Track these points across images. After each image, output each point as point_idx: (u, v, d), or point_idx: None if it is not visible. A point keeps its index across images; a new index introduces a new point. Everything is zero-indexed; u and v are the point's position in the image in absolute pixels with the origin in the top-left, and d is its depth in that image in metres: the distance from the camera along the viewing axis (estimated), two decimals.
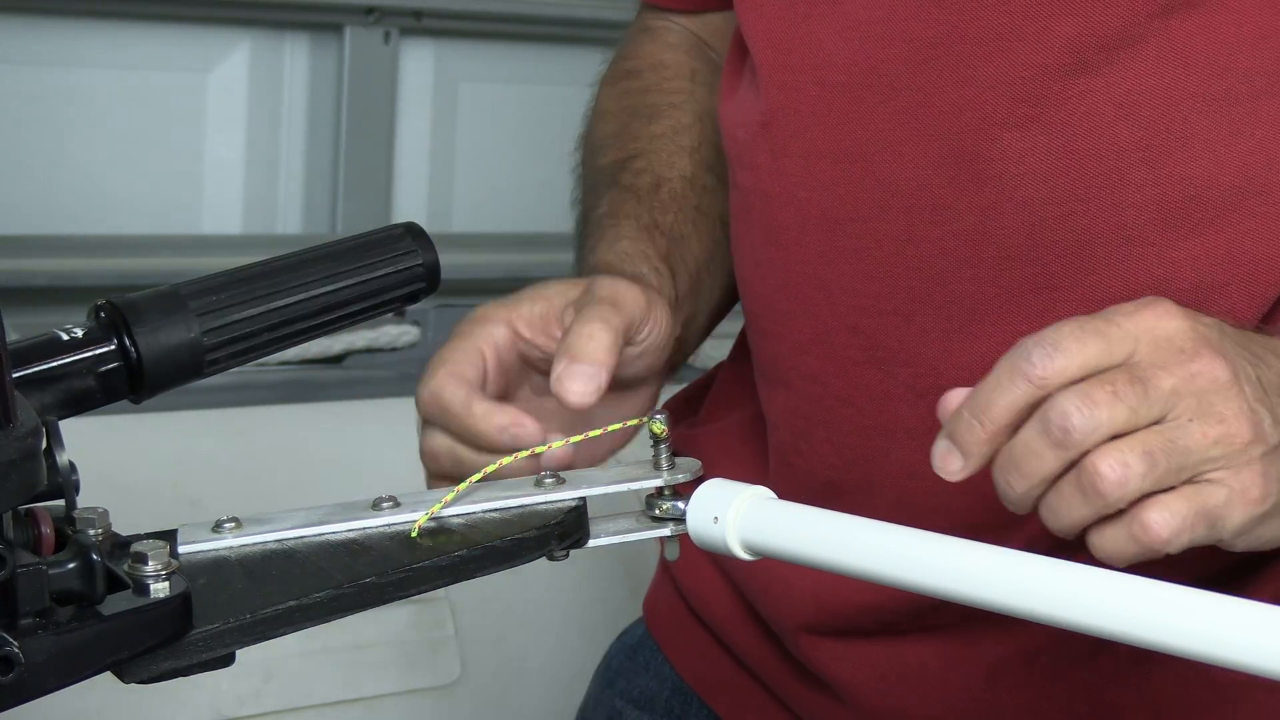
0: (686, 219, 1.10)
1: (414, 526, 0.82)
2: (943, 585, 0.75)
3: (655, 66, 1.20)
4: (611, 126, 1.17)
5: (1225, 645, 0.66)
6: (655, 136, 1.14)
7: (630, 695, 1.22)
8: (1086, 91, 0.92)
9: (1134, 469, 0.75)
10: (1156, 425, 0.75)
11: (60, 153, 2.08)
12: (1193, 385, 0.76)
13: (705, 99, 1.17)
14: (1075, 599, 0.70)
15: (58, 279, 1.95)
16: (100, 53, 2.09)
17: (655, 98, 1.17)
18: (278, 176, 2.23)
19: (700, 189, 1.12)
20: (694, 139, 1.14)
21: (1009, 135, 0.93)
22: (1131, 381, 0.75)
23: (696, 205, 1.12)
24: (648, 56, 1.21)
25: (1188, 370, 0.76)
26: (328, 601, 0.76)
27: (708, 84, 1.17)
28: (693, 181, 1.12)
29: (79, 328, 0.84)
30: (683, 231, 1.10)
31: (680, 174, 1.12)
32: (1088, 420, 0.75)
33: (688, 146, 1.14)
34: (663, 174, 1.12)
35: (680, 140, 1.14)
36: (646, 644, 1.22)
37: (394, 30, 2.22)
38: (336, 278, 0.94)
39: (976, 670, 1.02)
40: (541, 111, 2.32)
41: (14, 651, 0.66)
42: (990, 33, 0.93)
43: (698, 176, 1.13)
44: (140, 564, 0.70)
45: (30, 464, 0.66)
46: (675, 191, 1.11)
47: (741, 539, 0.82)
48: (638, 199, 1.10)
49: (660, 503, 0.87)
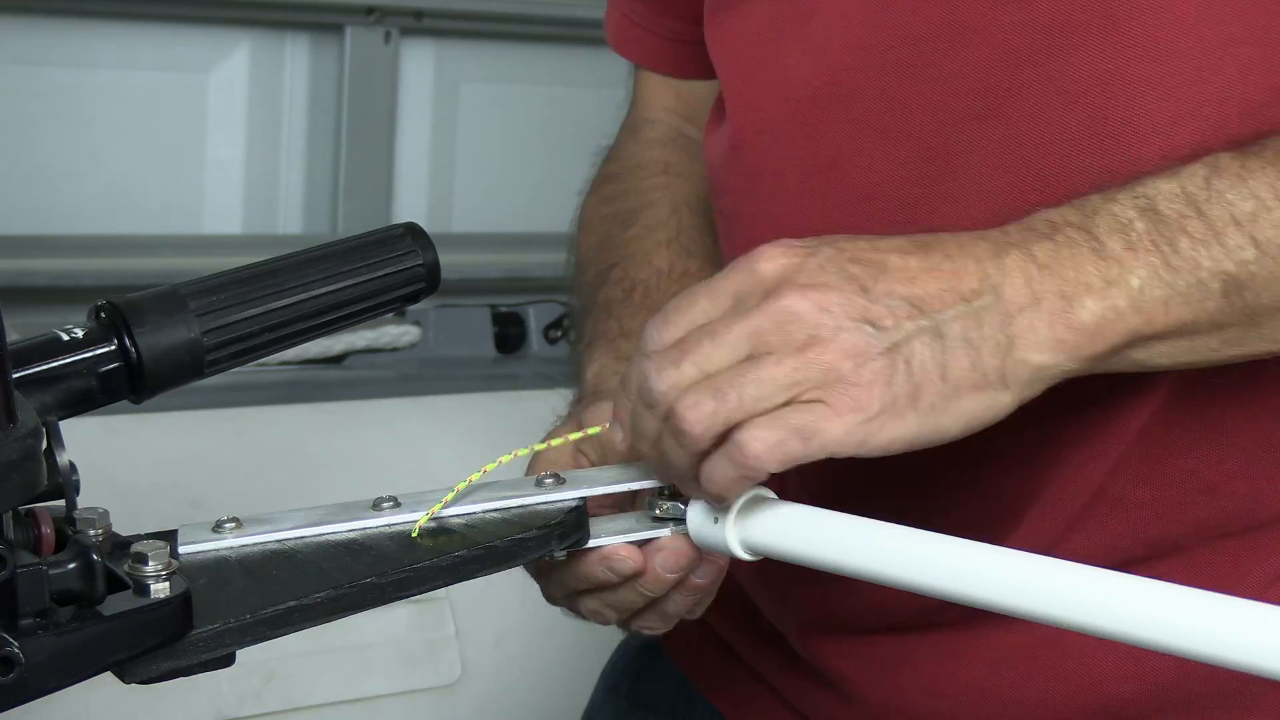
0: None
1: (414, 527, 0.83)
2: (943, 585, 0.75)
3: (633, 169, 1.22)
4: (593, 239, 1.20)
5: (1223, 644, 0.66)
6: (630, 240, 1.16)
7: (636, 697, 1.22)
8: (1033, 81, 0.93)
9: (704, 406, 0.80)
10: (740, 364, 0.81)
11: (60, 153, 2.08)
12: (773, 321, 0.81)
13: (681, 187, 1.19)
14: (1073, 598, 0.70)
15: (58, 279, 1.95)
16: (100, 53, 2.09)
17: (632, 201, 1.20)
18: (278, 176, 2.23)
19: (679, 276, 1.13)
20: (670, 231, 1.16)
21: (970, 128, 0.94)
22: (700, 337, 0.82)
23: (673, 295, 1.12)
24: (628, 159, 1.23)
25: (770, 309, 0.81)
26: (328, 602, 0.76)
27: (683, 173, 1.20)
28: (670, 272, 1.14)
29: (79, 328, 0.84)
30: None
31: (656, 270, 1.14)
32: (660, 380, 0.82)
33: (664, 240, 1.16)
34: (637, 276, 1.13)
35: (656, 236, 1.16)
36: (651, 645, 1.22)
37: (394, 30, 2.22)
38: (337, 278, 0.94)
39: (981, 665, 1.02)
40: (542, 111, 2.32)
41: (14, 652, 0.66)
42: (940, 30, 0.94)
43: (675, 265, 1.14)
44: (140, 564, 0.71)
45: (30, 464, 0.66)
46: (649, 289, 1.12)
47: (742, 539, 0.82)
48: (609, 315, 1.12)
49: (660, 503, 0.87)
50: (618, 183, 1.22)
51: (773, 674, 1.13)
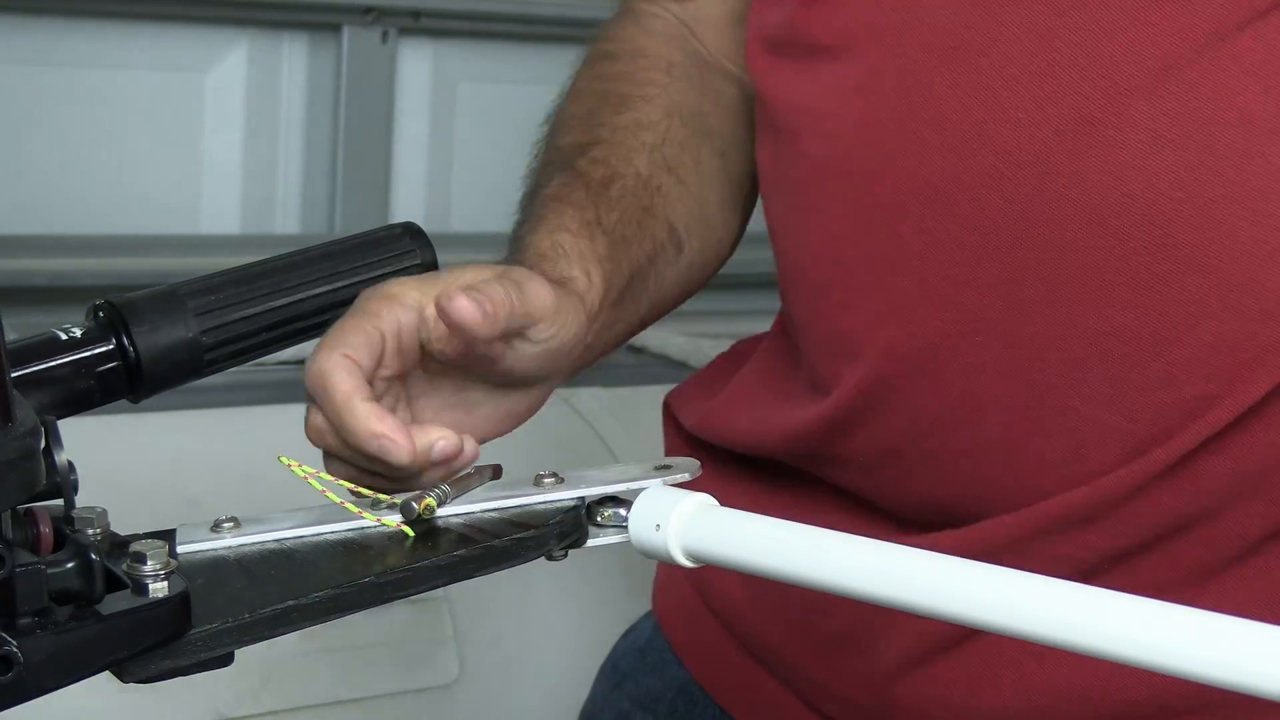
0: (632, 220, 1.07)
1: (406, 528, 0.82)
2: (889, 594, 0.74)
3: (633, 54, 1.17)
4: (580, 108, 1.15)
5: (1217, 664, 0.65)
6: (618, 128, 1.11)
7: (637, 696, 1.21)
8: (1221, 59, 0.90)
9: None
10: None
11: (59, 152, 2.08)
12: None
13: (679, 92, 1.14)
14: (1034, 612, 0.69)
15: (57, 279, 1.95)
16: (98, 53, 2.09)
17: (627, 87, 1.14)
18: (276, 176, 2.23)
19: (654, 190, 1.09)
20: (658, 135, 1.11)
21: (1138, 103, 0.91)
22: None
23: (646, 207, 1.09)
24: (628, 41, 1.18)
25: None
26: (327, 601, 0.76)
27: (685, 77, 1.15)
28: (648, 182, 1.09)
29: (78, 327, 0.84)
30: (626, 233, 1.06)
31: (636, 171, 1.09)
32: None
33: (649, 143, 1.11)
34: (618, 168, 1.09)
35: (643, 136, 1.11)
36: (655, 643, 1.21)
37: (392, 30, 2.22)
38: (335, 277, 0.94)
39: (1026, 660, 1.00)
40: (541, 111, 2.30)
41: (12, 651, 0.66)
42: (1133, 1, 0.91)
43: (654, 176, 1.10)
44: (139, 564, 0.70)
45: (29, 463, 0.66)
46: (627, 189, 1.08)
47: (684, 547, 0.81)
48: (587, 189, 1.07)
49: (602, 509, 0.86)
50: (615, 63, 1.17)
51: (793, 670, 1.10)
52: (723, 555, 0.80)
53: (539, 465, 0.90)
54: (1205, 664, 0.65)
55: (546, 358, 0.96)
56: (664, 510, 0.82)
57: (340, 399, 0.90)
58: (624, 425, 1.78)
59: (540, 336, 0.95)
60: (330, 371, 0.91)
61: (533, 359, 0.96)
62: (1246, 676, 0.63)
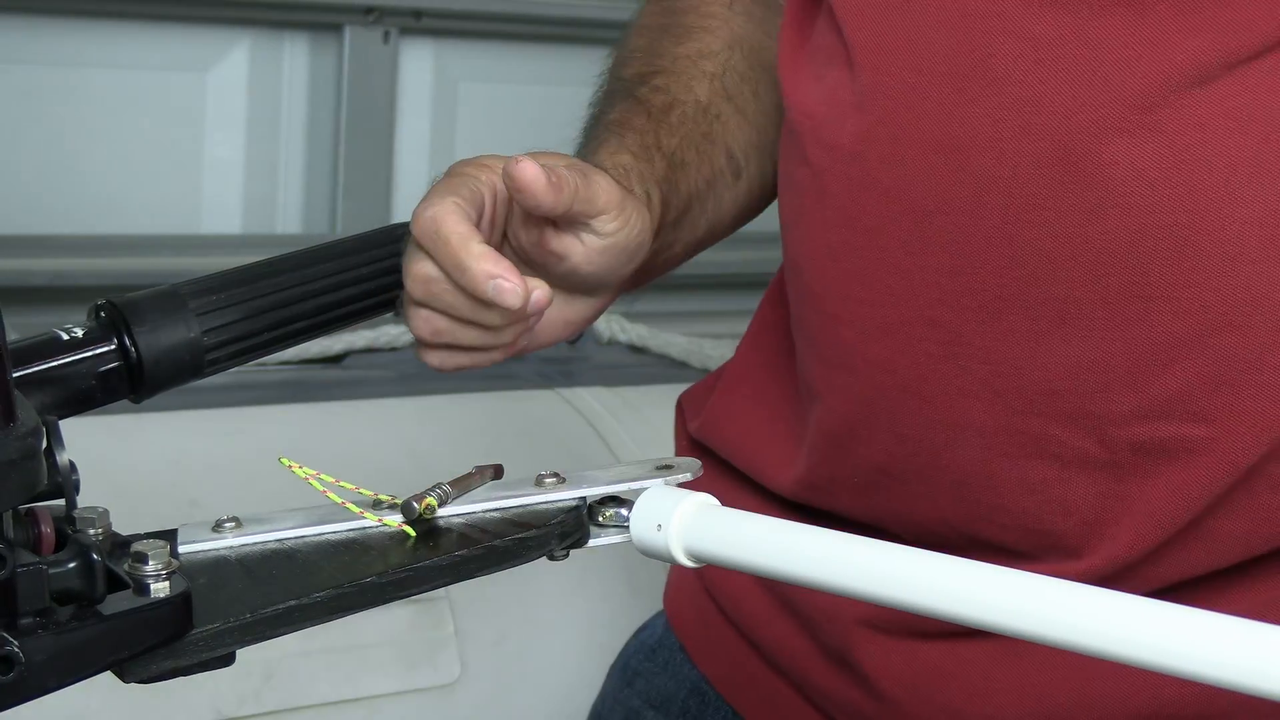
0: (691, 145, 1.09)
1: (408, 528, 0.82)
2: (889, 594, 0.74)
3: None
4: (642, 41, 1.17)
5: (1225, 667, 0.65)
6: (679, 57, 1.13)
7: (648, 695, 1.21)
8: (1203, 102, 0.91)
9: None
10: None
11: (60, 153, 2.08)
12: None
13: (741, 26, 1.16)
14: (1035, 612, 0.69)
15: (58, 279, 1.95)
16: (100, 52, 2.09)
17: (689, 19, 1.16)
18: (277, 176, 2.23)
19: (713, 117, 1.11)
20: (718, 65, 1.13)
21: (1119, 141, 0.92)
22: None
23: (705, 133, 1.11)
24: None
25: None
26: (328, 601, 0.76)
27: (746, 12, 1.17)
28: (707, 109, 1.11)
29: (79, 327, 0.84)
30: (685, 158, 1.09)
31: (696, 99, 1.11)
32: None
33: (710, 72, 1.13)
34: (678, 96, 1.11)
35: (704, 65, 1.13)
36: (667, 643, 1.21)
37: (393, 30, 2.22)
38: (336, 277, 0.95)
39: (1034, 671, 1.01)
40: (541, 111, 2.32)
41: (14, 651, 0.66)
42: (1117, 39, 0.92)
43: (713, 104, 1.12)
44: (140, 564, 0.70)
45: (30, 463, 0.66)
46: (686, 115, 1.10)
47: (685, 547, 0.81)
48: (648, 115, 1.09)
49: (604, 509, 0.86)
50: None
51: (802, 673, 1.11)
52: (724, 555, 0.80)
53: (540, 465, 0.90)
54: (1205, 664, 0.65)
55: (611, 253, 0.99)
56: (665, 510, 0.82)
57: (457, 240, 0.92)
58: (625, 425, 1.78)
59: (606, 229, 0.98)
60: (444, 216, 0.93)
61: (598, 254, 0.99)
62: (1247, 676, 0.63)
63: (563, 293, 1.01)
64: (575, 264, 0.99)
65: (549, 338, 1.04)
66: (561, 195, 0.94)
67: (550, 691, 1.61)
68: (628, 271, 1.02)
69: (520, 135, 2.33)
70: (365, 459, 1.65)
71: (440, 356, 0.99)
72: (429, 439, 1.74)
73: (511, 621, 1.61)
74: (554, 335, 1.04)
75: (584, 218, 0.97)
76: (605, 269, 1.00)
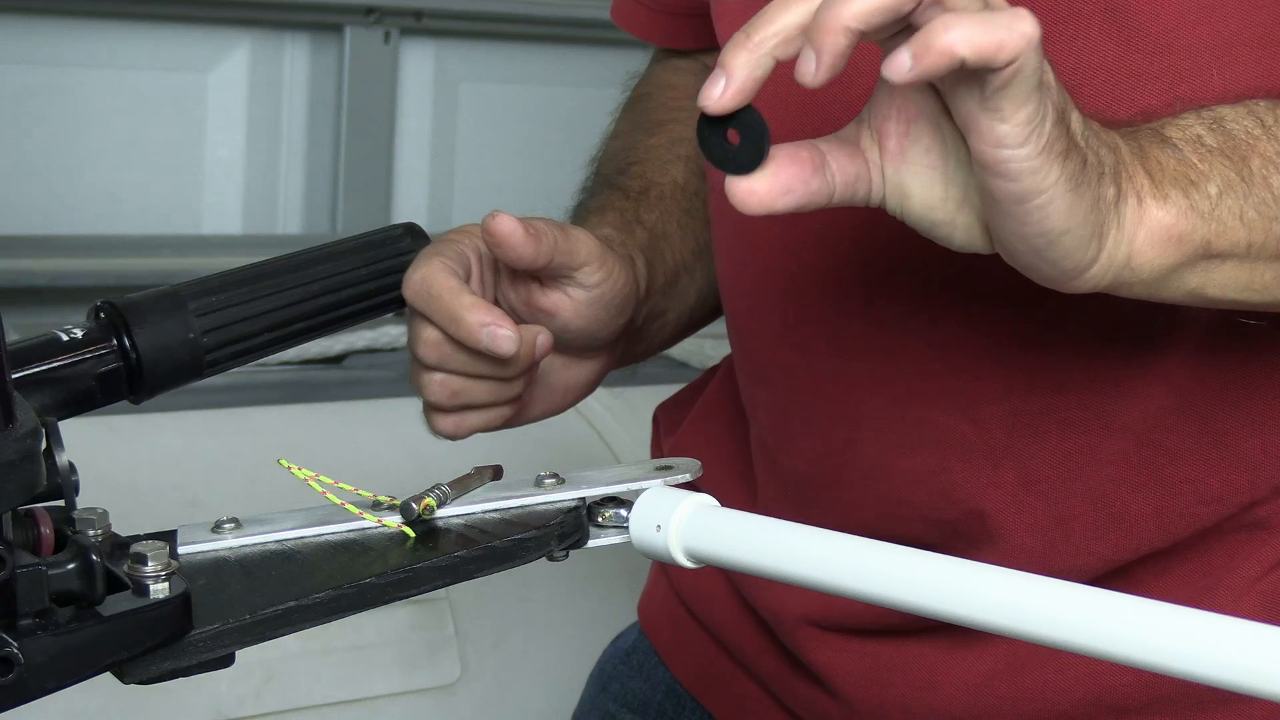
0: (672, 219, 1.12)
1: (407, 529, 0.83)
2: (887, 594, 0.74)
3: (663, 88, 1.23)
4: (617, 143, 1.20)
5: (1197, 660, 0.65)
6: (652, 148, 1.17)
7: (624, 699, 1.22)
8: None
9: None
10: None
11: (60, 152, 2.08)
12: None
13: None
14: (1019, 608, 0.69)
15: (58, 279, 1.95)
16: (100, 53, 2.09)
17: (659, 114, 1.20)
18: (278, 176, 2.23)
19: (691, 194, 1.14)
20: (691, 149, 1.16)
21: None
22: None
23: (685, 209, 1.13)
24: (657, 81, 1.24)
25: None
26: (328, 602, 0.76)
27: None
28: (684, 188, 1.14)
29: (79, 328, 0.84)
30: (666, 229, 1.11)
31: (672, 180, 1.14)
32: None
33: (683, 155, 1.16)
34: (654, 179, 1.14)
35: (676, 150, 1.16)
36: (640, 647, 1.23)
37: (394, 30, 2.22)
38: (336, 278, 0.95)
39: (977, 665, 1.02)
40: (542, 111, 2.32)
41: (14, 652, 0.66)
42: None
43: (689, 183, 1.14)
44: (140, 565, 0.70)
45: (30, 464, 0.66)
46: (664, 194, 1.13)
47: (684, 547, 0.82)
48: (626, 197, 1.12)
49: (603, 510, 0.86)
50: (646, 100, 1.23)
51: (767, 673, 1.13)
52: (723, 556, 0.80)
53: (540, 466, 0.90)
54: (1206, 664, 0.65)
55: (599, 305, 1.00)
56: (665, 511, 0.82)
57: (447, 293, 0.94)
58: (625, 425, 1.78)
59: (590, 280, 0.99)
60: (433, 275, 0.95)
61: (585, 307, 1.00)
62: (1247, 676, 0.63)
63: (560, 356, 1.03)
64: (566, 319, 1.00)
65: (551, 406, 1.05)
66: (540, 246, 0.96)
67: (550, 692, 1.61)
68: (618, 325, 1.04)
69: (520, 135, 2.34)
70: (365, 459, 1.65)
71: (454, 421, 1.00)
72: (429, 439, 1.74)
73: (511, 622, 1.61)
74: (555, 403, 1.06)
75: (567, 270, 0.99)
76: (596, 322, 1.02)
